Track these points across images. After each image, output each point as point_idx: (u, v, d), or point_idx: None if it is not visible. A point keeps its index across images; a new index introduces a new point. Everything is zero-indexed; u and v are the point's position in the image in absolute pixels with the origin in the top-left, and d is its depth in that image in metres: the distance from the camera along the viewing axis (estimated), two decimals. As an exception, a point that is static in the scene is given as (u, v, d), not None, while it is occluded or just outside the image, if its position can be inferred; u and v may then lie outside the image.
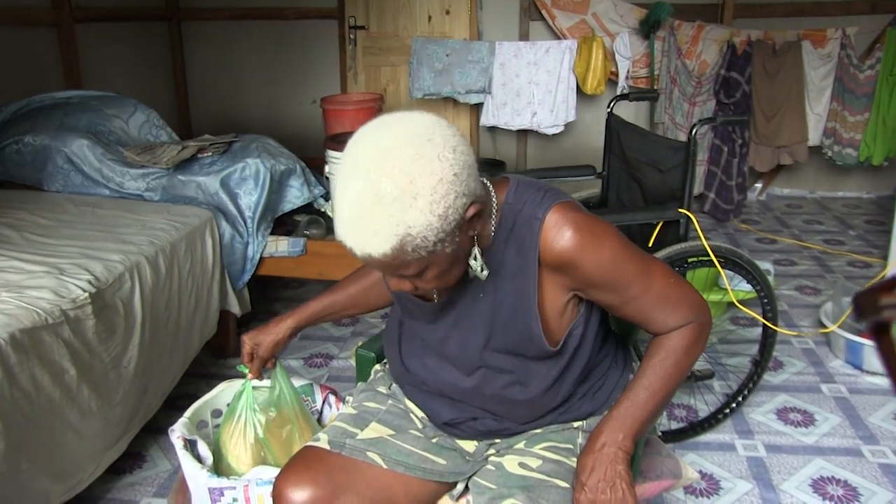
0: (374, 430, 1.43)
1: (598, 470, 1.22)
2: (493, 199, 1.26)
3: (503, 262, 1.27)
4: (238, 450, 1.63)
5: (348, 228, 1.08)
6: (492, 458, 1.42)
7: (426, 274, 1.15)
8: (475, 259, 1.19)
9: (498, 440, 1.45)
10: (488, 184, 1.26)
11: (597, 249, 1.22)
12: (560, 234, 1.21)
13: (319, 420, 1.81)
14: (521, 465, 1.35)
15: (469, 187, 1.11)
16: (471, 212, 1.12)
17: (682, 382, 1.33)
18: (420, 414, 1.49)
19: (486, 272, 1.20)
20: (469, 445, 1.45)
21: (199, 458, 1.61)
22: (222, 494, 1.53)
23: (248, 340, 1.64)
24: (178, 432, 1.64)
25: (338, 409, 1.79)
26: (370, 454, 1.37)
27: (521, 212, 1.25)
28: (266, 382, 1.70)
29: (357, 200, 1.06)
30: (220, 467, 1.63)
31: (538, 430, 1.43)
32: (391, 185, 1.04)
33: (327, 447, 1.38)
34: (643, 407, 1.28)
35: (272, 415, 1.64)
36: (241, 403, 1.64)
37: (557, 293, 1.29)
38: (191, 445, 1.63)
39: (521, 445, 1.42)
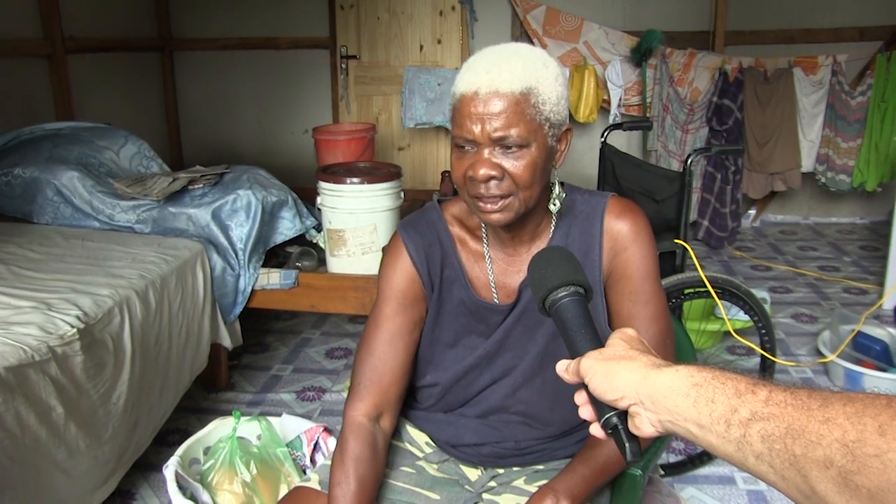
0: None
1: None
2: (557, 185, 1.29)
3: (567, 242, 1.31)
4: (227, 489, 1.60)
5: (484, 67, 1.16)
6: (488, 497, 1.39)
7: (523, 155, 1.17)
8: (555, 200, 1.26)
9: (501, 470, 1.42)
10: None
11: (644, 244, 1.29)
12: (623, 214, 1.29)
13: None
14: None
15: (566, 112, 1.22)
16: (566, 127, 1.23)
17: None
18: (424, 439, 1.45)
19: (559, 205, 1.26)
20: (473, 473, 1.43)
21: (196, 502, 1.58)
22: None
23: None
24: (172, 468, 1.61)
25: (327, 450, 1.76)
26: None
27: (582, 197, 1.33)
28: (254, 428, 1.67)
29: (499, 51, 1.19)
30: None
31: (540, 466, 1.40)
32: (528, 52, 1.20)
33: (318, 487, 1.35)
34: (598, 473, 1.26)
35: (255, 472, 1.61)
36: (228, 451, 1.61)
37: None
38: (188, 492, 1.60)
39: (520, 483, 1.39)
